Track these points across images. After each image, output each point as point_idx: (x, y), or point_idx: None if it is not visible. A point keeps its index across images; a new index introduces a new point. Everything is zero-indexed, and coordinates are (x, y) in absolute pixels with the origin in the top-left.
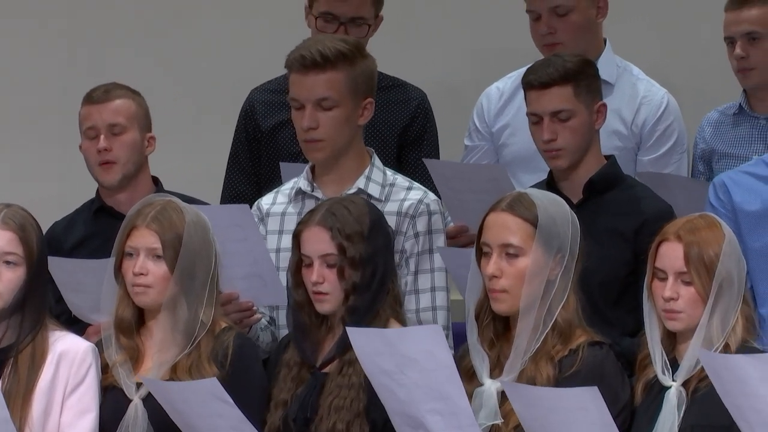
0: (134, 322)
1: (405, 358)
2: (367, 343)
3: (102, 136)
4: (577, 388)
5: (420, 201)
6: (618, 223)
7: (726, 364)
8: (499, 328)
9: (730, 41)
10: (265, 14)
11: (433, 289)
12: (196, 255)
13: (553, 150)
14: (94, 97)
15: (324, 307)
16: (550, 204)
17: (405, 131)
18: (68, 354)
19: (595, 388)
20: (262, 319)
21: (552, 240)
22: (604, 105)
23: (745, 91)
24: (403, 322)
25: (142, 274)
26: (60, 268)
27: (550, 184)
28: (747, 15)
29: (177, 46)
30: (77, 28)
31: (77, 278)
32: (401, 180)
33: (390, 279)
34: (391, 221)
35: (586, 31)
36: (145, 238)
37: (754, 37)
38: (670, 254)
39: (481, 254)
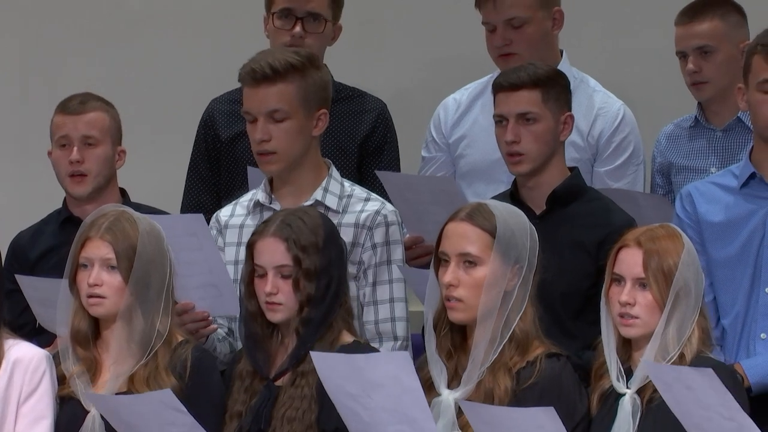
0: (90, 333)
1: (371, 383)
2: (331, 367)
3: (75, 148)
4: (534, 408)
5: (377, 212)
6: (581, 235)
7: (672, 374)
8: (456, 338)
9: (683, 55)
10: (225, 24)
11: (391, 300)
12: (150, 264)
13: (515, 154)
14: (70, 108)
15: (276, 316)
16: (508, 215)
17: (365, 141)
18: (22, 362)
19: (552, 409)
20: (220, 330)
21: (510, 251)
22: (572, 116)
23: (700, 103)
24: (354, 334)
25: (96, 284)
26: (31, 286)
27: (514, 195)
28: (698, 29)
29: (136, 55)
30: (34, 40)
31: (46, 294)
32: (359, 191)
33: (343, 291)
34: (349, 232)
35: (542, 43)
36: (99, 249)
37: (705, 51)
38: (629, 260)
39: (440, 264)
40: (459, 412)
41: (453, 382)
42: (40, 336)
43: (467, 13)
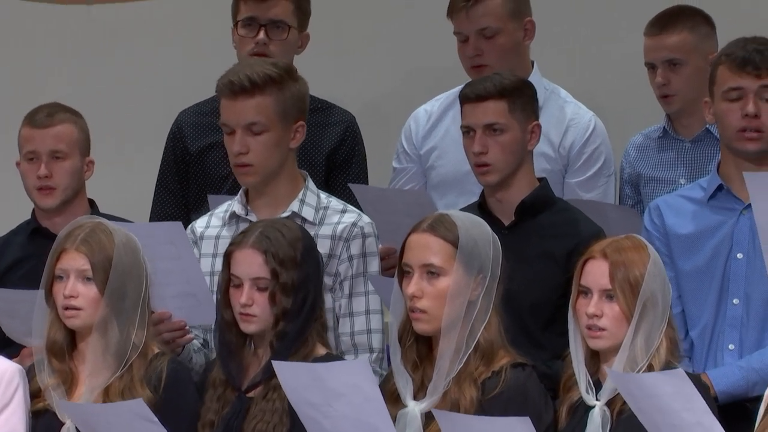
0: (66, 345)
1: (332, 392)
2: (293, 376)
3: (43, 163)
4: (509, 418)
5: (354, 224)
6: (550, 246)
7: (637, 382)
8: (422, 349)
9: (651, 66)
10: (194, 36)
11: (367, 312)
12: (126, 276)
13: (483, 165)
14: (37, 121)
15: (249, 327)
16: (471, 225)
17: (333, 154)
18: None
19: (527, 419)
20: (195, 341)
21: (473, 261)
22: (539, 125)
23: (668, 115)
24: (328, 347)
25: (72, 296)
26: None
27: (482, 206)
28: (667, 41)
29: (106, 67)
30: (3, 51)
31: (14, 306)
32: (335, 203)
33: (319, 305)
34: (325, 244)
35: (514, 54)
36: (75, 261)
37: (674, 63)
38: (596, 272)
39: (403, 275)
40: (426, 423)
41: (419, 393)
42: (9, 348)
43: (439, 23)
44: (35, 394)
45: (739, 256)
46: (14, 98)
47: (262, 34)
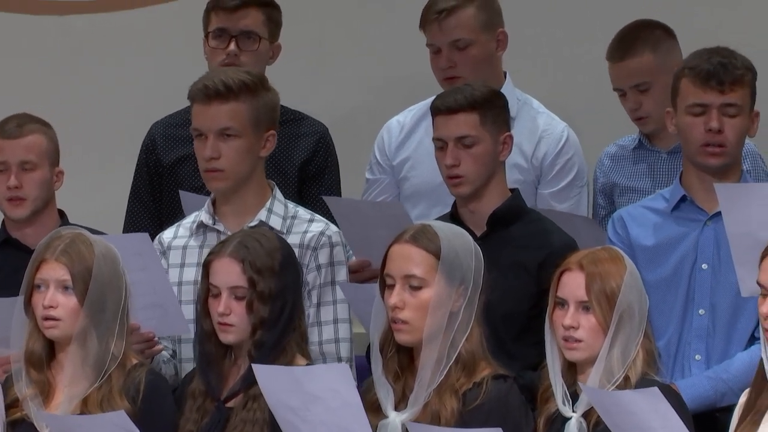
0: (45, 355)
1: (311, 396)
2: (272, 379)
3: (13, 174)
4: (483, 429)
5: (322, 233)
6: (522, 257)
7: (613, 399)
8: (403, 360)
9: (621, 92)
10: (167, 48)
11: (335, 321)
12: (105, 287)
13: (455, 177)
14: (7, 131)
15: (228, 337)
16: (453, 236)
17: (305, 165)
18: None
19: (500, 430)
20: (164, 352)
21: (455, 272)
22: (510, 136)
23: None
24: (308, 358)
25: (51, 306)
26: None
27: (454, 216)
28: (631, 67)
29: (78, 77)
30: None
31: None
32: (303, 212)
33: (297, 315)
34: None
35: (486, 65)
36: (55, 271)
37: (642, 89)
38: (572, 283)
39: (385, 286)
40: None
41: (400, 404)
42: None
43: (411, 34)
44: (11, 404)
45: (704, 266)
46: None
47: (232, 46)
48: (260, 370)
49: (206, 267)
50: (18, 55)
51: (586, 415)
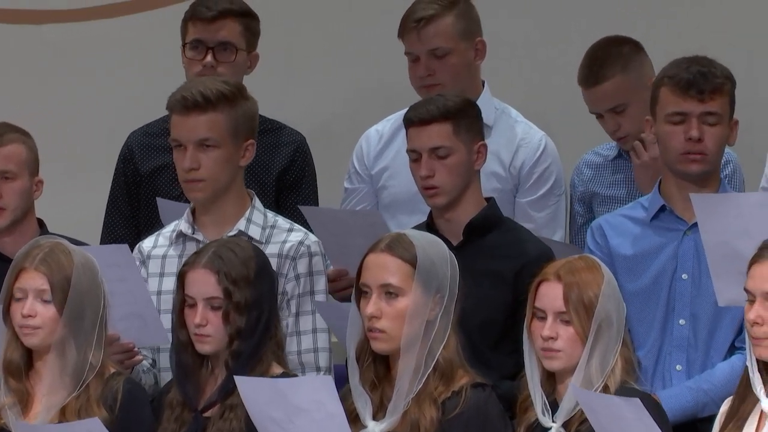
0: (23, 364)
1: (294, 408)
2: (255, 391)
3: None
4: None
5: (301, 242)
6: (498, 266)
7: (602, 401)
8: (380, 369)
9: (598, 115)
10: (145, 57)
11: (314, 331)
12: (84, 297)
13: (431, 187)
14: None
15: (204, 347)
16: (428, 244)
17: (283, 175)
18: None
19: None
20: (144, 362)
21: (431, 280)
22: (485, 145)
23: None
24: (284, 366)
25: (30, 315)
26: None
27: (430, 226)
28: (603, 91)
29: (56, 87)
30: None
31: None
32: (282, 222)
33: (274, 324)
34: (273, 263)
35: (465, 74)
36: (34, 280)
37: (618, 110)
38: (550, 294)
39: (361, 295)
40: None
41: (378, 413)
42: None
43: (390, 43)
44: None
45: (684, 276)
46: None
47: (209, 57)
48: (243, 382)
49: (181, 278)
50: None
51: (566, 425)
